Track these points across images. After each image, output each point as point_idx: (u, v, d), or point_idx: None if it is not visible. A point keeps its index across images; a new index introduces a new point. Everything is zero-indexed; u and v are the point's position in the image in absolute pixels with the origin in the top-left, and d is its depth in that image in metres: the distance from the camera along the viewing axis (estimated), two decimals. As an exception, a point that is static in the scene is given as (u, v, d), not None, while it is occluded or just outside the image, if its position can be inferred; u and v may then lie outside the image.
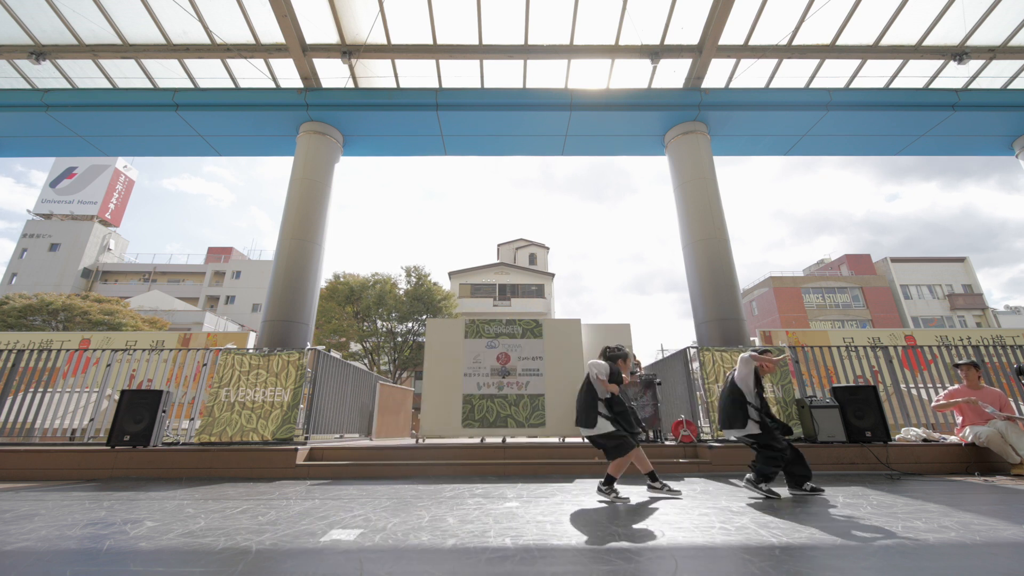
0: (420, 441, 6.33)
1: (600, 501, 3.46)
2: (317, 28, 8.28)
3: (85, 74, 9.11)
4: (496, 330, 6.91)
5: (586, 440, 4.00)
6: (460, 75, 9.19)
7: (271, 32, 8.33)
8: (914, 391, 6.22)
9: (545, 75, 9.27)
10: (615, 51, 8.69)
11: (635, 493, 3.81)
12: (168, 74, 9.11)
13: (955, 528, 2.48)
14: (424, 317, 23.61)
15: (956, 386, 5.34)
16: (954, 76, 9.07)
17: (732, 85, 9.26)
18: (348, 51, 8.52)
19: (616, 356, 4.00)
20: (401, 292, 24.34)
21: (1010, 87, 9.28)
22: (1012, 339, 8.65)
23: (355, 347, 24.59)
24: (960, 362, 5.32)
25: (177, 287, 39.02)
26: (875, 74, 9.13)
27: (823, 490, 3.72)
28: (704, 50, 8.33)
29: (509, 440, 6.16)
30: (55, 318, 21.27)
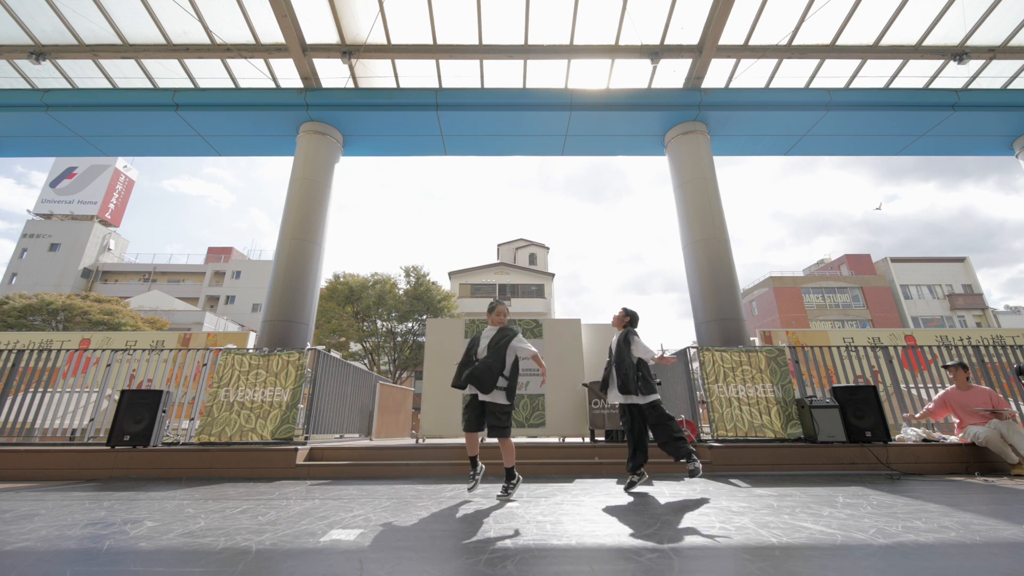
0: (420, 441, 6.33)
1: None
2: (317, 28, 8.28)
3: (85, 74, 9.11)
4: (496, 330, 6.89)
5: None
6: (460, 75, 9.19)
7: (271, 32, 8.33)
8: (914, 391, 6.23)
9: (545, 75, 9.27)
10: (615, 51, 8.69)
11: (636, 493, 3.81)
12: (168, 74, 9.11)
13: (955, 528, 2.48)
14: (424, 317, 23.61)
15: (947, 388, 5.35)
16: (954, 76, 9.07)
17: (732, 85, 9.26)
18: (348, 51, 8.52)
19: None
20: (401, 292, 24.34)
21: (1010, 87, 9.28)
22: (1012, 339, 8.65)
23: (355, 347, 24.59)
24: (948, 363, 5.34)
25: (177, 287, 39.04)
26: (875, 74, 9.13)
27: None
28: (704, 50, 8.33)
29: (509, 440, 6.15)
30: (55, 318, 21.27)
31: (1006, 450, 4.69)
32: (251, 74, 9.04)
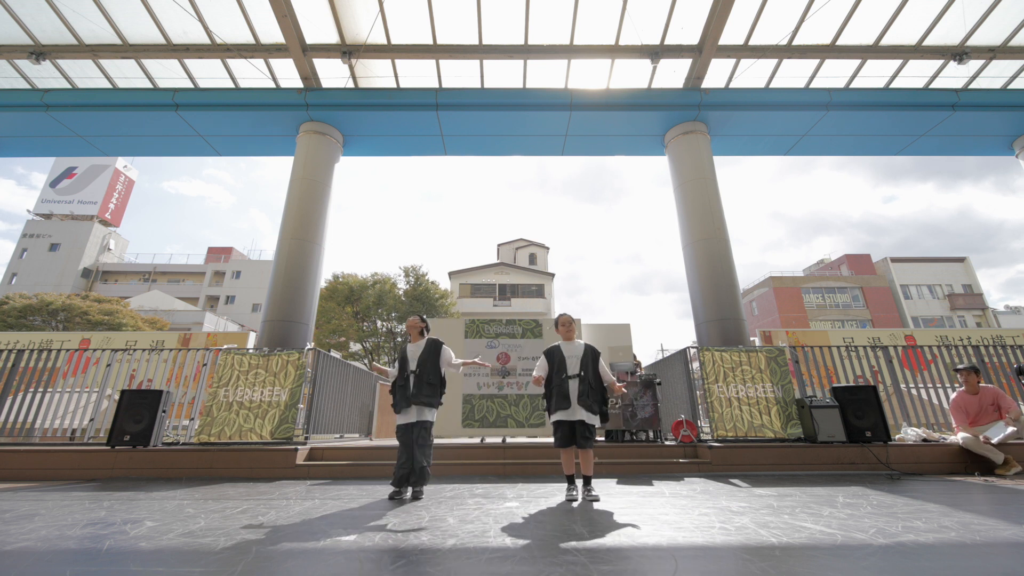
0: (420, 441, 6.31)
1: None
2: (317, 28, 8.28)
3: (85, 74, 9.11)
4: (496, 330, 6.91)
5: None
6: (460, 75, 9.19)
7: (271, 32, 8.33)
8: (914, 391, 6.22)
9: (545, 75, 9.27)
10: (615, 51, 8.69)
11: (636, 493, 3.81)
12: (168, 74, 9.10)
13: (955, 528, 2.48)
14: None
15: (957, 390, 5.33)
16: (954, 76, 9.07)
17: (732, 85, 9.26)
18: (348, 51, 8.52)
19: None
20: (400, 292, 24.34)
21: (1010, 87, 9.28)
22: (1012, 339, 8.65)
23: (355, 347, 24.57)
24: (960, 367, 5.30)
25: (177, 287, 39.02)
26: (875, 74, 9.13)
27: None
28: (704, 50, 8.33)
29: (509, 440, 6.16)
30: (55, 318, 21.27)
31: (986, 451, 4.70)
32: (251, 74, 9.04)
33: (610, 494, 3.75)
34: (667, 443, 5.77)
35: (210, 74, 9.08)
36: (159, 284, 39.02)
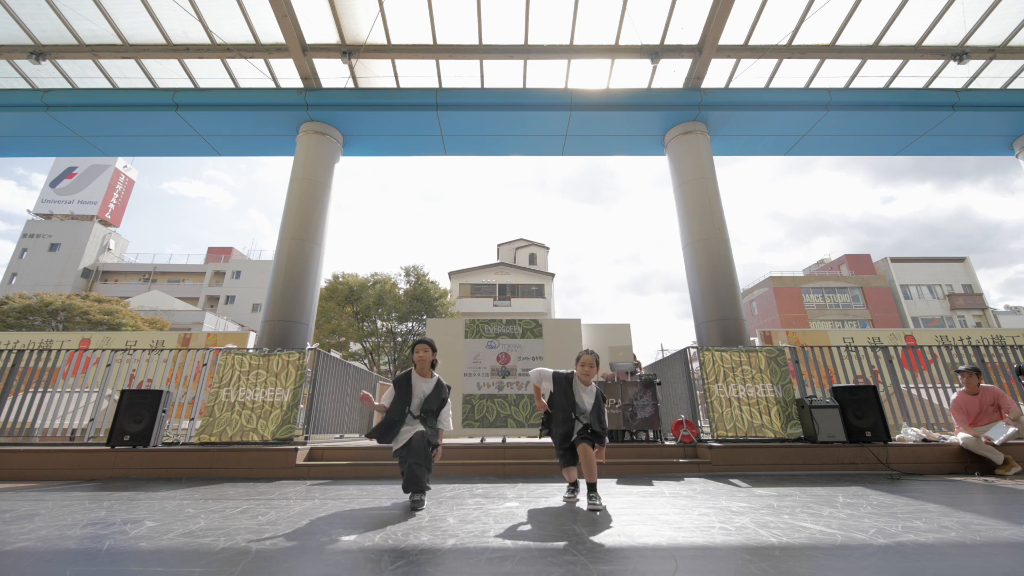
0: (420, 441, 6.31)
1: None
2: (317, 28, 8.28)
3: (85, 74, 9.11)
4: (496, 330, 6.91)
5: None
6: (460, 75, 9.19)
7: (271, 32, 8.33)
8: (914, 391, 6.22)
9: (545, 75, 9.27)
10: (615, 51, 8.69)
11: (636, 493, 3.81)
12: (168, 74, 9.10)
13: (955, 528, 2.48)
14: (424, 317, 23.61)
15: (958, 390, 5.31)
16: (954, 76, 9.07)
17: (732, 85, 9.26)
18: (348, 51, 8.52)
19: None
20: (401, 292, 24.33)
21: (1010, 87, 9.28)
22: (1012, 339, 8.65)
23: (355, 347, 24.57)
24: (962, 368, 5.28)
25: (177, 287, 39.03)
26: (875, 74, 9.13)
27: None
28: (704, 50, 8.33)
29: (509, 440, 6.16)
30: (55, 318, 21.27)
31: (986, 451, 4.69)
32: (251, 74, 9.04)
33: (610, 494, 3.75)
34: (667, 443, 5.77)
35: (210, 74, 9.08)
36: (159, 284, 39.03)
